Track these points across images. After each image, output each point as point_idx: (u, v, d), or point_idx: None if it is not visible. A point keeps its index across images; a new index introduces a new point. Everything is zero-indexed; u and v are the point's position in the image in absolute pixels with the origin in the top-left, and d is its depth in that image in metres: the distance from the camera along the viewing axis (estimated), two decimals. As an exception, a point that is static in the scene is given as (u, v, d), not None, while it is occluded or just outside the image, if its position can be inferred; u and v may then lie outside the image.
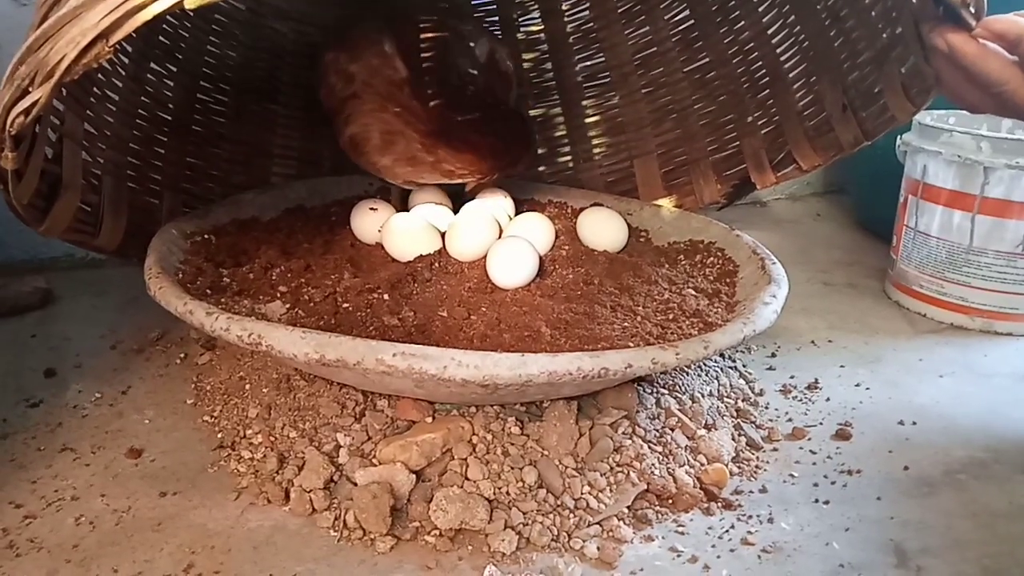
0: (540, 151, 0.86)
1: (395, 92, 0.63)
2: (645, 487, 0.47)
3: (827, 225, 1.09)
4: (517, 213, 0.69)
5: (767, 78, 0.74)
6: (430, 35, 0.66)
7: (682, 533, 0.45)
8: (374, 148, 0.64)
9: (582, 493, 0.46)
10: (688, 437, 0.52)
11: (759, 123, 0.75)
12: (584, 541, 0.44)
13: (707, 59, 0.77)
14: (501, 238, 0.61)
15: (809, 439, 0.56)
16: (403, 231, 0.62)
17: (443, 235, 0.63)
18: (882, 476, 0.52)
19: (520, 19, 0.84)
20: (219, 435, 0.53)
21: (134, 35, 0.35)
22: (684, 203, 0.78)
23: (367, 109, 0.63)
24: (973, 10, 0.43)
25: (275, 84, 0.81)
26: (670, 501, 0.48)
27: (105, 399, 0.58)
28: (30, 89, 0.36)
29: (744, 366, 0.65)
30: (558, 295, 0.55)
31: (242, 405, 0.54)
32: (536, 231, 0.63)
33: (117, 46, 0.35)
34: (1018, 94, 0.43)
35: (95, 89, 0.61)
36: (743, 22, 0.74)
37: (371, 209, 0.66)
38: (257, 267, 0.59)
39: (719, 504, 0.48)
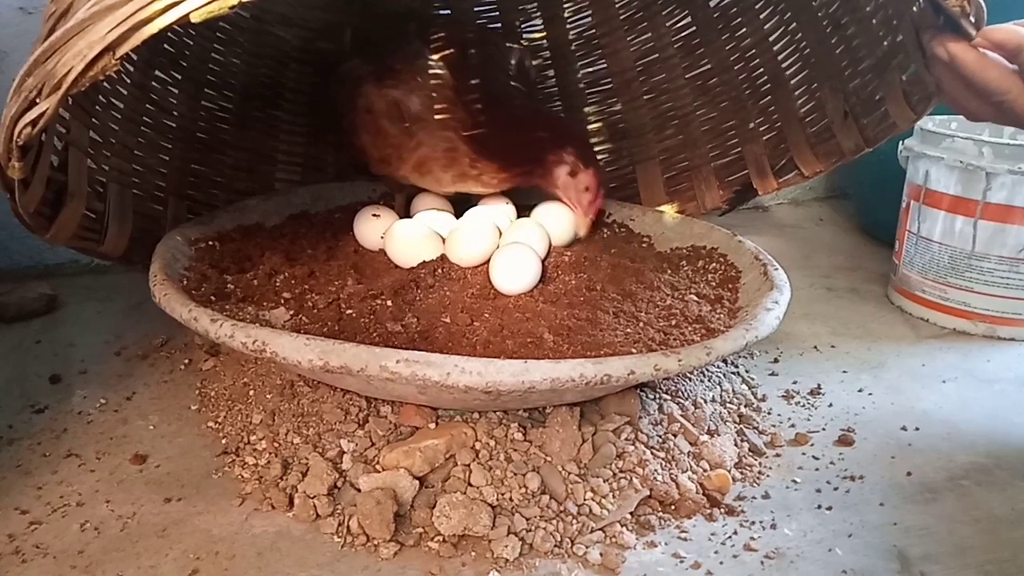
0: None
1: (452, 108, 0.63)
2: (648, 493, 0.47)
3: (829, 230, 1.09)
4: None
5: (768, 84, 0.74)
6: (471, 49, 0.66)
7: (685, 539, 0.46)
8: (440, 166, 0.65)
9: (585, 499, 0.46)
10: (691, 443, 0.52)
11: (761, 129, 0.75)
12: (587, 547, 0.44)
13: (709, 65, 0.78)
14: (502, 244, 0.61)
15: (812, 445, 0.56)
16: (405, 237, 0.62)
17: (445, 241, 0.63)
18: (885, 482, 0.52)
19: (522, 25, 0.84)
20: (223, 441, 0.53)
21: (139, 44, 0.36)
22: (686, 209, 0.79)
23: (433, 130, 0.64)
24: (973, 19, 0.43)
25: (279, 90, 0.81)
26: (673, 507, 0.48)
27: (110, 405, 0.58)
28: (37, 101, 0.36)
29: (747, 371, 0.65)
30: (561, 301, 0.56)
31: (246, 411, 0.54)
32: (534, 237, 0.63)
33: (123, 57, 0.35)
34: (1018, 103, 0.43)
35: (100, 97, 0.62)
36: (744, 29, 0.74)
37: (374, 215, 0.66)
38: (261, 273, 0.59)
39: (722, 510, 0.48)
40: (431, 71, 0.63)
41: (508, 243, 0.60)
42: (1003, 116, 0.45)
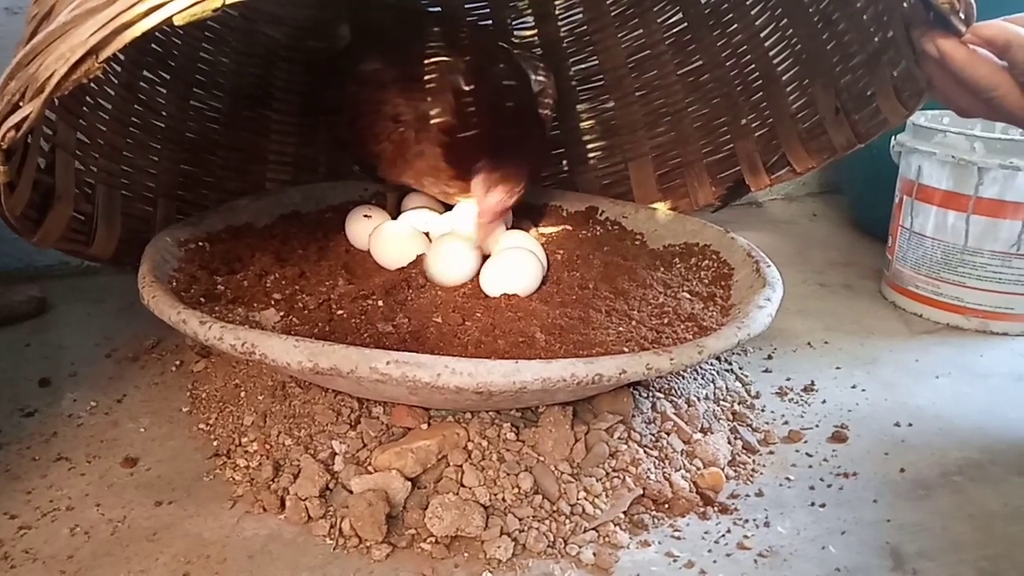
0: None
1: (467, 124, 0.63)
2: (641, 492, 0.47)
3: (823, 225, 1.09)
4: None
5: (760, 81, 0.74)
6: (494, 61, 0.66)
7: (678, 538, 0.45)
8: (430, 181, 0.65)
9: (578, 499, 0.46)
10: (684, 441, 0.52)
11: (753, 125, 0.75)
12: (580, 547, 0.44)
13: (700, 62, 0.77)
14: (495, 253, 0.60)
15: (805, 442, 0.56)
16: (389, 240, 0.62)
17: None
18: (878, 478, 0.52)
19: (513, 23, 0.84)
20: (215, 443, 0.52)
21: (123, 47, 0.35)
22: (679, 205, 0.79)
23: (434, 143, 0.63)
24: (963, 16, 0.43)
25: (269, 90, 0.81)
26: (666, 506, 0.48)
27: (100, 408, 0.58)
28: (20, 104, 0.36)
29: (740, 368, 0.65)
30: (553, 300, 0.55)
31: (237, 413, 0.54)
32: (525, 242, 0.62)
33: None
34: (1007, 99, 0.43)
35: (87, 98, 0.61)
36: (736, 25, 0.74)
37: (365, 216, 0.66)
38: (251, 274, 0.59)
39: (715, 508, 0.48)
40: (461, 87, 0.62)
41: (500, 251, 0.59)
42: (993, 112, 0.45)
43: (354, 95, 0.67)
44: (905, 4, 0.50)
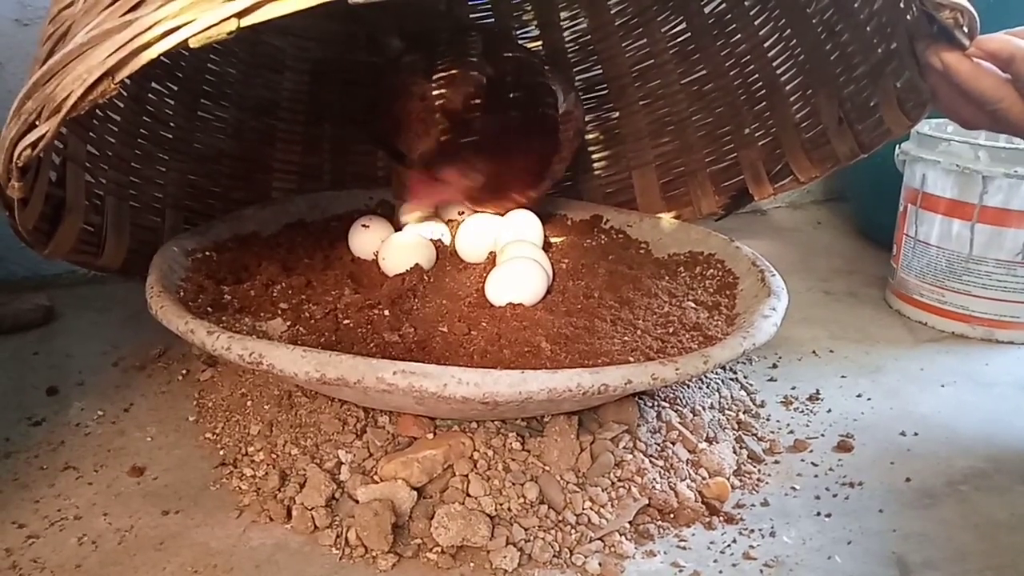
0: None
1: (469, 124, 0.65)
2: (647, 502, 0.47)
3: (827, 233, 1.09)
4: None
5: (764, 90, 0.74)
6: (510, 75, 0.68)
7: (684, 548, 0.45)
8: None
9: (583, 508, 0.46)
10: (689, 451, 0.52)
11: (756, 135, 0.75)
12: (586, 557, 0.44)
13: (704, 71, 0.78)
14: (500, 263, 0.60)
15: (810, 451, 0.56)
16: (397, 249, 0.62)
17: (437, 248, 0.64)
18: (884, 488, 0.52)
19: (518, 32, 0.84)
20: (221, 452, 0.53)
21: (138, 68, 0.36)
22: (682, 214, 0.79)
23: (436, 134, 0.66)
24: (966, 30, 0.43)
25: (275, 99, 0.81)
26: (672, 516, 0.48)
27: (107, 417, 0.58)
28: (37, 123, 0.36)
29: (745, 377, 0.65)
30: (558, 309, 0.55)
31: (244, 422, 0.54)
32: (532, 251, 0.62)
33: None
34: (1012, 111, 0.43)
35: (97, 111, 0.62)
36: (739, 35, 0.74)
37: (363, 226, 0.66)
38: (258, 284, 0.59)
39: (721, 518, 0.48)
40: (479, 87, 0.65)
41: (505, 260, 0.60)
42: (997, 124, 0.45)
43: (390, 84, 0.69)
44: (909, 16, 0.50)
